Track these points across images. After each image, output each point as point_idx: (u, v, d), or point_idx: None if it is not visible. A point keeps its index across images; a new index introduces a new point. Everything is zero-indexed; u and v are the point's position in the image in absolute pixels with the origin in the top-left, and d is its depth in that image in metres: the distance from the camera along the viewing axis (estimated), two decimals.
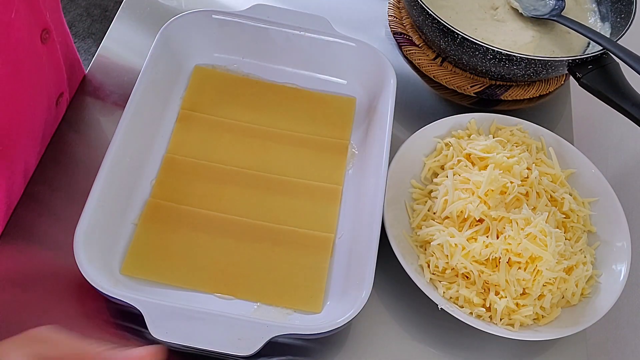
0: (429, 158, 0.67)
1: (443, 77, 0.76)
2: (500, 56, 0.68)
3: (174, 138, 0.65)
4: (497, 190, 0.60)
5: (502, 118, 0.69)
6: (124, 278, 0.56)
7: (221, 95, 0.69)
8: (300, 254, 0.59)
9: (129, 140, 0.60)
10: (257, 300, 0.57)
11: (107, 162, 0.57)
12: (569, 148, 0.68)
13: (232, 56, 0.71)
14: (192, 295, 0.56)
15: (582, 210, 0.64)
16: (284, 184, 0.63)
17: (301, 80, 0.71)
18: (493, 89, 0.76)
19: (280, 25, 0.69)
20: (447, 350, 0.59)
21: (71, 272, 0.54)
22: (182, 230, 0.59)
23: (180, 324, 0.50)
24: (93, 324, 0.55)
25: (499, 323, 0.57)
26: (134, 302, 0.51)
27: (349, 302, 0.54)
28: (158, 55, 0.65)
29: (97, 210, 0.55)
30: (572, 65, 0.69)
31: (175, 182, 0.62)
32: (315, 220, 0.61)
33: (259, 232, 0.60)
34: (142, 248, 0.58)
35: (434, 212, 0.62)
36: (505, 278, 0.57)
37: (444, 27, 0.68)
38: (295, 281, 0.58)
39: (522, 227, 0.58)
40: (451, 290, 0.58)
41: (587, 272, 0.60)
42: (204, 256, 0.58)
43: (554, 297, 0.59)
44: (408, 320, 0.60)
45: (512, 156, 0.63)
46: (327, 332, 0.51)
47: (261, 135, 0.66)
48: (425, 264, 0.59)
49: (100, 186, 0.55)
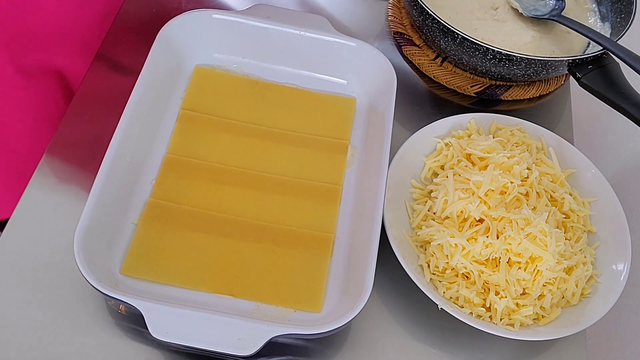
0: (429, 158, 0.67)
1: (443, 77, 0.76)
2: (500, 56, 0.68)
3: (174, 138, 0.65)
4: (497, 191, 0.60)
5: (502, 118, 0.69)
6: (124, 278, 0.56)
7: (221, 95, 0.69)
8: (300, 254, 0.59)
9: (129, 140, 0.60)
10: (257, 300, 0.57)
11: (107, 162, 0.57)
12: (569, 148, 0.68)
13: (232, 56, 0.71)
14: (192, 295, 0.56)
15: (582, 210, 0.64)
16: (284, 184, 0.63)
17: (301, 80, 0.71)
18: (493, 89, 0.76)
19: (280, 25, 0.69)
20: (447, 350, 0.59)
21: (71, 272, 0.54)
22: (182, 230, 0.59)
23: (180, 324, 0.50)
24: (93, 324, 0.55)
25: (499, 323, 0.57)
26: (134, 302, 0.51)
27: (349, 302, 0.54)
28: (158, 55, 0.65)
29: (97, 210, 0.55)
30: (572, 65, 0.69)
31: (175, 182, 0.62)
32: (315, 220, 0.61)
33: (259, 232, 0.60)
34: (142, 248, 0.58)
35: (434, 212, 0.62)
36: (505, 278, 0.57)
37: (444, 27, 0.68)
38: (295, 281, 0.58)
39: (522, 227, 0.58)
40: (451, 290, 0.58)
41: (587, 272, 0.60)
42: (204, 256, 0.58)
43: (554, 297, 0.59)
44: (408, 320, 0.60)
45: (512, 156, 0.63)
46: (327, 332, 0.51)
47: (261, 135, 0.66)
48: (425, 264, 0.59)
49: (100, 186, 0.55)
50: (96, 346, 0.55)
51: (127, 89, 0.61)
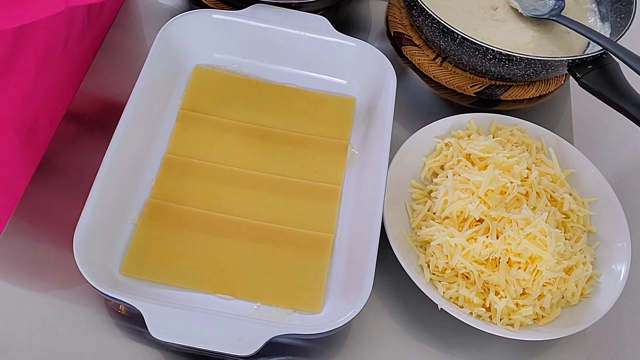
0: (429, 158, 0.67)
1: (443, 77, 0.76)
2: (500, 56, 0.68)
3: (174, 138, 0.65)
4: (497, 191, 0.60)
5: (502, 118, 0.69)
6: (123, 278, 0.56)
7: (221, 95, 0.69)
8: (300, 254, 0.59)
9: (129, 140, 0.59)
10: (257, 300, 0.57)
11: (107, 162, 0.57)
12: (569, 148, 0.68)
13: (232, 56, 0.71)
14: (192, 296, 0.56)
15: (582, 210, 0.64)
16: (284, 184, 0.63)
17: (301, 80, 0.71)
18: (493, 89, 0.76)
19: (280, 25, 0.69)
20: (447, 350, 0.59)
21: (71, 272, 0.54)
22: (182, 230, 0.59)
23: (180, 324, 0.50)
24: (93, 324, 0.55)
25: (499, 323, 0.57)
26: (134, 302, 0.51)
27: (349, 302, 0.54)
28: (158, 55, 0.65)
29: (97, 210, 0.55)
30: (572, 65, 0.69)
31: (175, 182, 0.62)
32: (315, 220, 0.61)
33: (259, 232, 0.60)
34: (142, 248, 0.58)
35: (433, 212, 0.62)
36: (505, 278, 0.57)
37: (444, 27, 0.68)
38: (295, 281, 0.58)
39: (522, 227, 0.58)
40: (451, 290, 0.58)
41: (587, 272, 0.60)
42: (204, 256, 0.58)
43: (554, 297, 0.59)
44: (408, 320, 0.60)
45: (512, 156, 0.63)
46: (327, 332, 0.51)
47: (261, 135, 0.66)
48: (425, 264, 0.59)
49: (100, 186, 0.55)
50: (96, 346, 0.55)
51: (127, 89, 0.61)
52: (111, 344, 0.55)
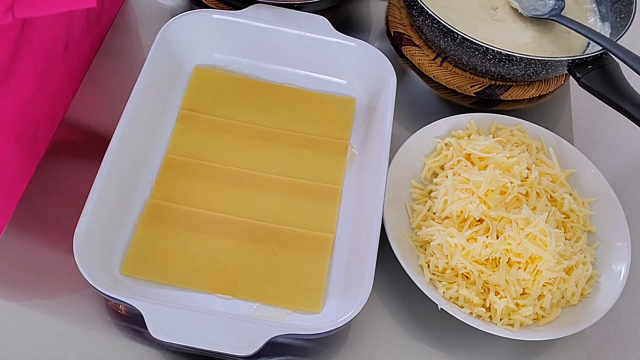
0: (429, 158, 0.67)
1: (443, 77, 0.76)
2: (500, 56, 0.68)
3: (174, 138, 0.65)
4: (497, 190, 0.60)
5: (502, 118, 0.69)
6: (123, 278, 0.56)
7: (221, 95, 0.69)
8: (300, 254, 0.59)
9: (129, 140, 0.59)
10: (257, 300, 0.57)
11: (107, 162, 0.57)
12: (569, 148, 0.68)
13: (232, 56, 0.71)
14: (192, 296, 0.56)
15: (582, 210, 0.64)
16: (284, 184, 0.63)
17: (301, 80, 0.71)
18: (493, 89, 0.76)
19: (280, 25, 0.69)
20: (447, 350, 0.59)
21: (71, 272, 0.54)
22: (182, 230, 0.59)
23: (180, 324, 0.50)
24: (93, 324, 0.55)
25: (498, 323, 0.57)
26: (134, 302, 0.51)
27: (349, 302, 0.54)
28: (158, 55, 0.65)
29: (97, 211, 0.55)
30: (572, 65, 0.69)
31: (175, 182, 0.62)
32: (315, 220, 0.61)
33: (259, 232, 0.60)
34: (142, 248, 0.58)
35: (433, 212, 0.62)
36: (505, 278, 0.57)
37: (444, 27, 0.68)
38: (295, 281, 0.58)
39: (522, 227, 0.58)
40: (451, 290, 0.58)
41: (587, 272, 0.60)
42: (204, 256, 0.58)
43: (554, 297, 0.59)
44: (408, 320, 0.60)
45: (512, 156, 0.63)
46: (327, 332, 0.51)
47: (261, 135, 0.66)
48: (425, 264, 0.59)
49: (100, 186, 0.55)
50: (96, 346, 0.55)
51: (127, 89, 0.61)
52: (111, 344, 0.55)
